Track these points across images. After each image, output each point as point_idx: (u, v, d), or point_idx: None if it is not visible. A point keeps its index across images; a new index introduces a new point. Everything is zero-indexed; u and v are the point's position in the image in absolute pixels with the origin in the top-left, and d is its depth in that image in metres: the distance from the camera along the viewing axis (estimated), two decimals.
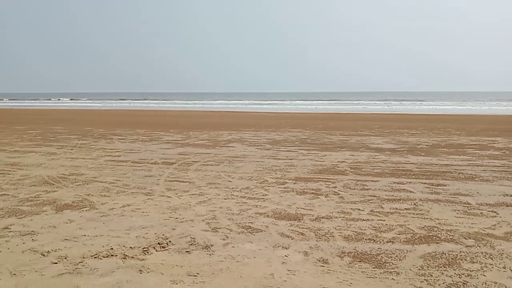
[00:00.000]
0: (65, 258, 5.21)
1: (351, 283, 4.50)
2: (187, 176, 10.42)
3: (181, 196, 8.38)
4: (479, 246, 5.54)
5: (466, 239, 5.82)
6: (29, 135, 20.36)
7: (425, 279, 4.56)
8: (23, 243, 5.76)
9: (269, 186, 9.19)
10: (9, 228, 6.38)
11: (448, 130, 22.12)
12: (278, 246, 5.59)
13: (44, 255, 5.32)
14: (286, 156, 13.56)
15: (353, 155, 13.66)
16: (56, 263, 5.08)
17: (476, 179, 9.88)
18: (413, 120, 29.75)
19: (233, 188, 9.04)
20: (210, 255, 5.30)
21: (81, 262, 5.10)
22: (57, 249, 5.50)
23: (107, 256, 5.25)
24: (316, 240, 5.79)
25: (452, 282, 4.51)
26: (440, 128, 23.26)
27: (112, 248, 5.50)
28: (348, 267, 4.93)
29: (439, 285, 4.44)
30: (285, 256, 5.27)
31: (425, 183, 9.40)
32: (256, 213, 7.13)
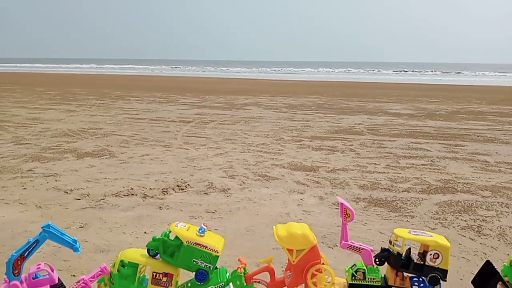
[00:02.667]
0: (88, 195, 5.39)
1: (366, 223, 4.56)
2: (204, 132, 10.52)
3: (198, 148, 8.49)
4: (495, 197, 5.53)
5: (482, 191, 5.81)
6: (49, 95, 20.64)
7: (439, 222, 4.60)
8: (47, 182, 5.96)
9: (285, 143, 9.23)
10: (33, 171, 6.59)
11: (468, 99, 21.65)
12: (294, 192, 5.67)
13: (67, 192, 5.51)
14: (302, 118, 13.51)
15: (370, 119, 13.54)
16: (79, 199, 5.26)
17: (495, 141, 9.74)
18: (433, 90, 29.15)
19: (249, 143, 9.10)
20: (228, 196, 5.42)
21: (103, 199, 5.27)
22: (80, 188, 5.68)
23: (127, 195, 5.41)
24: (332, 188, 5.85)
25: (466, 225, 4.54)
26: (460, 97, 22.77)
27: (132, 189, 5.65)
28: (363, 210, 4.99)
29: (454, 227, 4.48)
30: (301, 199, 5.35)
31: (442, 144, 9.32)
32: (272, 165, 7.20)
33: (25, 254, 2.19)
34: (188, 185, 5.88)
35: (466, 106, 18.05)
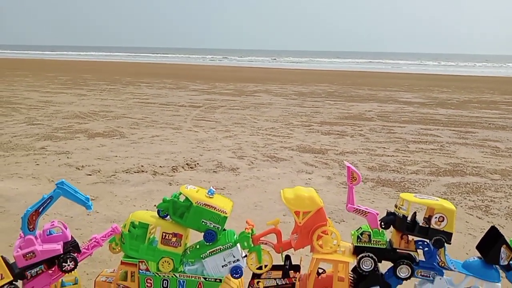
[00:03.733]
0: (99, 171, 5.48)
1: (373, 201, 4.59)
2: (214, 117, 10.57)
3: (208, 131, 8.55)
4: (505, 180, 5.51)
5: (492, 174, 5.79)
6: (60, 80, 20.81)
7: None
8: (59, 159, 6.07)
9: (294, 127, 9.24)
10: (45, 148, 6.70)
11: (481, 89, 21.39)
12: (302, 172, 5.71)
13: (79, 168, 5.60)
14: (312, 105, 13.48)
15: (380, 106, 13.46)
16: (90, 175, 5.35)
17: (507, 129, 9.65)
18: (445, 80, 28.80)
19: (258, 127, 9.13)
20: (236, 175, 5.47)
21: (114, 175, 5.35)
22: (91, 165, 5.78)
23: (138, 172, 5.49)
24: (340, 169, 5.87)
25: (474, 205, 4.54)
26: (473, 87, 22.50)
27: (142, 166, 5.73)
28: (371, 189, 5.01)
29: (461, 207, 4.49)
30: (309, 179, 5.39)
31: (453, 130, 9.26)
32: (281, 147, 7.24)
33: (40, 210, 2.26)
34: (198, 164, 5.95)
35: (478, 96, 17.83)
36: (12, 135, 7.61)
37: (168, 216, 2.49)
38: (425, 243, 2.34)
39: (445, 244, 2.26)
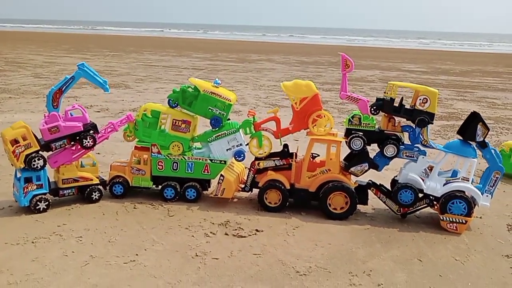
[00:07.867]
0: (106, 109, 5.72)
1: None
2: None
3: None
4: (497, 124, 5.74)
5: (486, 120, 5.98)
6: (63, 47, 20.84)
7: (440, 136, 4.85)
8: (68, 101, 6.27)
9: None
10: None
11: (486, 63, 21.38)
12: None
13: (87, 107, 5.82)
14: (315, 71, 13.59)
15: (382, 73, 13.56)
16: (98, 111, 5.59)
17: (506, 90, 9.80)
18: (450, 55, 28.69)
19: (261, 85, 9.30)
20: (239, 115, 5.71)
21: (121, 112, 5.58)
22: (99, 105, 6.01)
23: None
24: (339, 114, 6.10)
25: None
26: (477, 61, 22.48)
27: None
28: None
29: (449, 138, 4.71)
30: None
31: (452, 90, 9.42)
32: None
33: (63, 89, 2.48)
34: None
35: (481, 68, 17.86)
36: (21, 85, 7.82)
37: (178, 106, 2.71)
38: (410, 127, 2.56)
39: (428, 125, 2.48)
